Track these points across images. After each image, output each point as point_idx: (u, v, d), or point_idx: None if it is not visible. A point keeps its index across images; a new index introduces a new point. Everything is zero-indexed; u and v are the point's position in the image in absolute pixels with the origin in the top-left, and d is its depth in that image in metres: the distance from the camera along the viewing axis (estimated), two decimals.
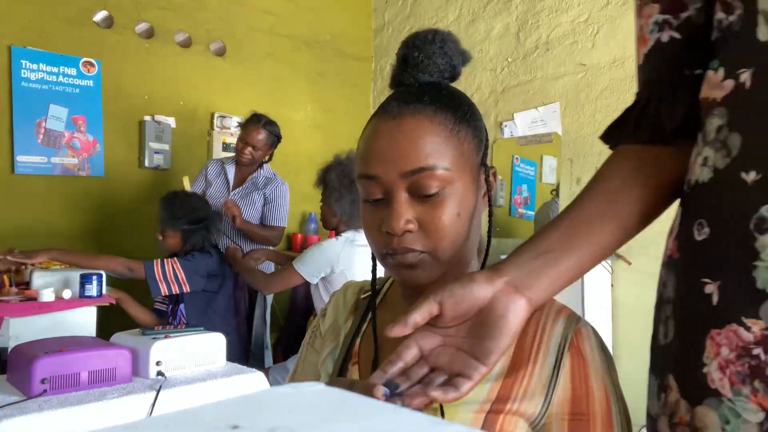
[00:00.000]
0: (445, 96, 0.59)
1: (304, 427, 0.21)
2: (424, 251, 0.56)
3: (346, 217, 2.10)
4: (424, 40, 0.60)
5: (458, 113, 0.58)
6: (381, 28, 4.00)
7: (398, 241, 0.56)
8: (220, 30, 3.25)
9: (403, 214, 0.55)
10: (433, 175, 0.55)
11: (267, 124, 2.62)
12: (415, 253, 0.56)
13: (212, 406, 0.23)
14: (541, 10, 3.13)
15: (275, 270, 2.81)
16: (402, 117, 0.56)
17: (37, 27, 2.67)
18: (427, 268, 0.57)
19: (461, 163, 0.57)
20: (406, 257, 0.56)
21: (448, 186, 0.56)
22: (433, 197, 0.56)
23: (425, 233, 0.56)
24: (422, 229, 0.56)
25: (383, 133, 0.57)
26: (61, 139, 2.74)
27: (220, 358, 1.53)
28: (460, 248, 0.58)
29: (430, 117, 0.56)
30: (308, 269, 2.09)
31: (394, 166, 0.55)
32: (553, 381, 0.54)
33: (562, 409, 0.53)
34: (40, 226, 2.67)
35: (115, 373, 1.32)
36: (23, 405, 1.17)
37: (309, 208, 3.55)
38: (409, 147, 0.55)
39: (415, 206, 0.56)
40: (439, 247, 0.56)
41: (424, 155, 0.55)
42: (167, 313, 2.34)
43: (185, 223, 2.24)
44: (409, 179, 0.55)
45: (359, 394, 0.24)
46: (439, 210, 0.56)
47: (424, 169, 0.55)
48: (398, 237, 0.56)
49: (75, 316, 1.98)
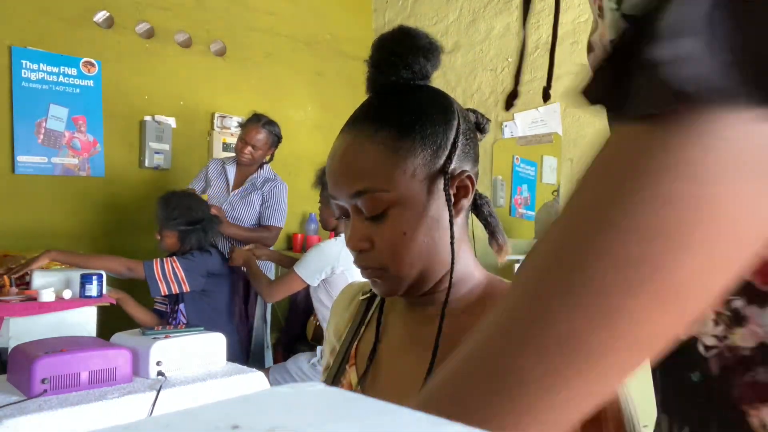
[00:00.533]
0: (392, 108, 0.57)
1: (304, 427, 0.21)
2: (380, 267, 0.58)
3: (343, 220, 2.10)
4: (378, 48, 0.60)
5: (403, 125, 0.56)
6: (381, 28, 4.00)
7: (357, 258, 0.59)
8: (220, 30, 3.25)
9: (355, 233, 0.58)
10: (370, 198, 0.56)
11: (267, 124, 2.62)
12: (371, 270, 0.58)
13: (212, 406, 0.23)
14: (541, 10, 3.13)
15: (276, 271, 2.82)
16: (346, 138, 0.58)
17: (37, 27, 2.68)
18: (388, 284, 0.58)
19: (407, 180, 0.55)
20: (366, 273, 0.59)
21: (390, 205, 0.56)
22: (380, 217, 0.56)
23: (377, 251, 0.57)
24: (374, 247, 0.57)
25: (334, 152, 0.59)
26: (62, 139, 2.74)
27: (220, 358, 1.54)
28: (418, 261, 0.58)
29: (370, 136, 0.56)
30: (308, 271, 2.09)
31: (341, 188, 0.58)
32: None
33: None
34: (41, 226, 2.67)
35: (115, 373, 1.32)
36: (23, 405, 1.17)
37: (309, 208, 3.55)
38: (349, 170, 0.57)
39: (368, 225, 0.57)
40: (391, 264, 0.57)
41: (360, 179, 0.56)
42: (167, 313, 2.34)
43: (182, 223, 2.24)
44: (354, 201, 0.57)
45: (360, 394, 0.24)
46: (384, 230, 0.56)
47: (361, 192, 0.56)
48: (356, 254, 0.59)
49: (75, 316, 1.98)
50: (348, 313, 0.72)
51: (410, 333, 0.62)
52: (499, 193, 3.34)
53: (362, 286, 0.74)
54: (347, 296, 0.74)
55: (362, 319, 0.69)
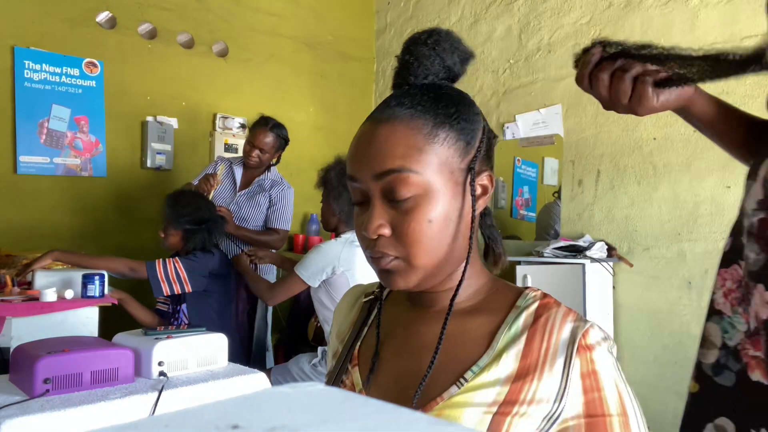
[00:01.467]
0: (430, 99, 0.58)
1: (304, 427, 0.21)
2: (397, 256, 0.57)
3: (345, 216, 2.10)
4: (417, 41, 0.61)
5: (439, 117, 0.57)
6: (383, 29, 4.00)
7: (374, 244, 0.57)
8: (222, 31, 3.26)
9: (376, 218, 0.56)
10: (402, 179, 0.55)
11: (275, 127, 2.62)
12: (388, 258, 0.57)
13: (212, 406, 0.23)
14: (543, 12, 3.13)
15: (277, 274, 2.82)
16: (380, 121, 0.57)
17: (40, 27, 2.68)
18: (403, 274, 0.57)
19: (438, 168, 0.56)
20: (380, 262, 0.57)
21: (419, 190, 0.55)
22: (406, 202, 0.55)
23: (398, 238, 0.56)
24: (395, 233, 0.56)
25: (362, 136, 0.58)
26: (64, 139, 2.75)
27: (222, 358, 1.54)
28: (436, 254, 0.57)
29: (405, 122, 0.56)
30: (308, 272, 2.09)
31: (368, 168, 0.56)
32: (563, 384, 0.53)
33: (576, 412, 0.53)
34: (43, 226, 2.68)
35: (117, 373, 1.32)
36: (26, 405, 1.17)
37: (310, 209, 3.56)
38: (381, 150, 0.56)
39: (390, 210, 0.56)
40: (410, 253, 0.56)
41: (393, 158, 0.55)
42: (169, 313, 2.34)
43: (188, 222, 2.24)
44: (381, 182, 0.56)
45: (358, 394, 0.24)
46: (410, 216, 0.55)
47: (392, 171, 0.55)
48: (374, 241, 0.57)
49: (77, 317, 1.98)
50: (351, 316, 0.72)
51: (412, 333, 0.62)
52: (501, 195, 3.33)
53: (364, 289, 0.74)
54: (350, 300, 0.75)
55: (365, 321, 0.69)
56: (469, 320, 0.60)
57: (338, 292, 2.08)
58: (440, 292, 0.62)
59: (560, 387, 0.53)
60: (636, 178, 2.71)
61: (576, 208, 2.93)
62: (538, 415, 0.53)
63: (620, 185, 2.77)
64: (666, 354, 2.58)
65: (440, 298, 0.62)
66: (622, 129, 2.77)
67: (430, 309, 0.63)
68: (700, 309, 2.49)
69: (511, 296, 0.61)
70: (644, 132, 2.69)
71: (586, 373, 0.54)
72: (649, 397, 2.58)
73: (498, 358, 0.56)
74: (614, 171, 2.79)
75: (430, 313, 0.62)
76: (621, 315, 2.73)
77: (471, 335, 0.59)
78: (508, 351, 0.56)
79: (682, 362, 2.53)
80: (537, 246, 2.88)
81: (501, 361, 0.56)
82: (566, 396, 0.53)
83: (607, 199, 2.81)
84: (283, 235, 2.71)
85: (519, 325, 0.58)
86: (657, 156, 2.65)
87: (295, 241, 3.50)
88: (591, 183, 2.88)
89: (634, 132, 2.73)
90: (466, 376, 0.56)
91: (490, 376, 0.55)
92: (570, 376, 0.54)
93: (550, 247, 2.72)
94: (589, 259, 2.56)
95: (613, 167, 2.80)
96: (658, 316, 2.62)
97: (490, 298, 0.62)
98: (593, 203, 2.86)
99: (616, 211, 2.77)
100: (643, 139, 2.70)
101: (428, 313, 0.63)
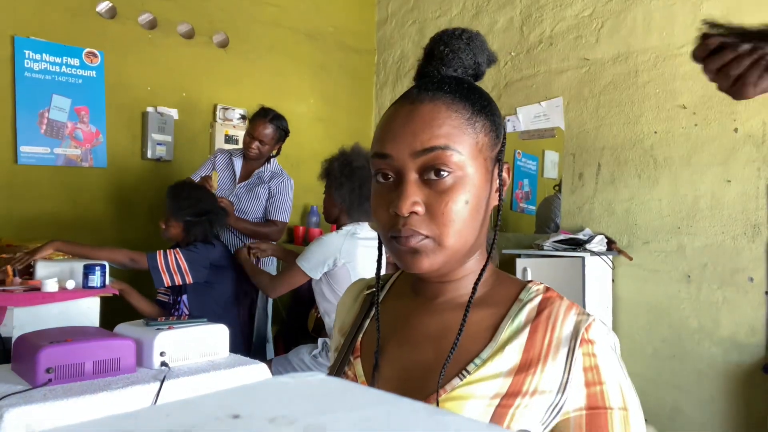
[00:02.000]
0: (466, 88, 0.59)
1: (304, 417, 0.21)
2: (428, 236, 0.56)
3: (346, 205, 2.10)
4: (452, 36, 0.62)
5: (477, 105, 0.58)
6: (384, 20, 3.98)
7: (404, 222, 0.56)
8: (223, 22, 3.24)
9: (411, 194, 0.55)
10: (445, 156, 0.55)
11: (274, 119, 2.61)
12: (419, 237, 0.56)
13: (213, 396, 0.23)
14: (545, 4, 3.11)
15: (278, 265, 2.82)
16: (420, 102, 0.57)
17: (40, 17, 2.67)
18: (430, 255, 0.56)
19: (475, 153, 0.57)
20: (409, 240, 0.56)
21: (459, 171, 0.56)
22: (443, 181, 0.56)
23: (431, 217, 0.56)
24: (429, 212, 0.56)
25: (399, 115, 0.58)
26: (64, 129, 2.74)
27: (223, 349, 1.54)
28: (465, 238, 0.57)
29: (447, 104, 0.57)
30: (310, 264, 2.09)
31: (407, 145, 0.56)
32: (565, 376, 0.54)
33: (578, 404, 0.54)
34: (43, 216, 2.68)
35: (119, 364, 1.33)
36: (28, 394, 1.18)
37: (311, 200, 3.56)
38: (423, 128, 0.56)
39: (424, 189, 0.56)
40: (444, 232, 0.56)
41: (437, 136, 0.55)
42: (170, 304, 2.35)
43: (189, 214, 2.24)
44: (420, 159, 0.55)
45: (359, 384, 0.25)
46: (448, 195, 0.55)
47: (436, 148, 0.55)
48: (404, 218, 0.56)
49: (78, 307, 1.99)
50: (353, 310, 0.72)
51: (416, 325, 0.63)
52: None
53: (367, 283, 0.74)
54: (353, 293, 0.75)
55: (367, 313, 0.69)
56: (474, 312, 0.60)
57: (339, 284, 2.08)
58: (448, 283, 0.62)
59: (563, 379, 0.54)
60: (636, 171, 2.71)
61: (576, 201, 2.93)
62: (540, 407, 0.54)
63: (620, 179, 2.76)
64: (665, 347, 2.60)
65: (446, 290, 0.62)
66: (623, 122, 2.76)
67: (434, 300, 0.63)
68: (699, 303, 2.50)
69: (514, 289, 0.62)
70: (645, 126, 2.69)
71: (588, 366, 0.54)
72: (647, 390, 2.59)
73: (501, 351, 0.56)
74: (615, 164, 2.79)
75: (433, 305, 0.63)
76: (620, 308, 2.74)
77: (475, 327, 0.59)
78: (511, 343, 0.56)
79: (681, 355, 2.54)
80: (537, 239, 2.89)
81: (504, 354, 0.56)
82: (568, 388, 0.54)
83: (608, 193, 2.81)
84: (282, 227, 2.70)
85: (522, 319, 0.58)
86: (657, 150, 2.64)
87: (295, 233, 3.50)
88: (591, 176, 2.88)
89: (635, 126, 2.72)
90: (468, 369, 0.56)
91: (492, 369, 0.56)
92: (572, 369, 0.54)
93: (550, 240, 2.72)
94: (588, 253, 2.57)
95: (613, 160, 2.79)
96: (657, 309, 2.62)
97: (494, 291, 0.62)
98: (593, 196, 2.86)
99: (616, 205, 2.77)
100: (644, 133, 2.69)
101: (432, 305, 0.63)
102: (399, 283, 0.71)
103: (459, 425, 0.21)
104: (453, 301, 0.62)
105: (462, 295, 0.62)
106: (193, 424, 0.20)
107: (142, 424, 0.20)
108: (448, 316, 0.61)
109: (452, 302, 0.62)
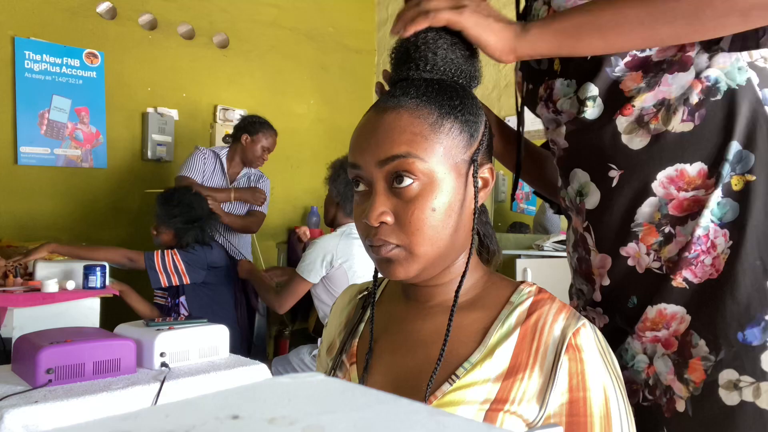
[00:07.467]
0: (435, 90, 0.58)
1: (304, 417, 0.21)
2: (399, 245, 0.56)
3: (341, 198, 2.10)
4: (417, 36, 0.60)
5: (444, 107, 0.57)
6: (384, 21, 3.98)
7: (375, 232, 0.57)
8: (223, 22, 3.25)
9: (379, 205, 0.56)
10: (407, 164, 0.55)
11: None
12: (389, 246, 0.56)
13: (212, 396, 0.23)
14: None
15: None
16: (384, 111, 0.57)
17: (40, 18, 2.67)
18: (404, 263, 0.56)
19: (442, 158, 0.56)
20: (381, 250, 0.57)
21: (424, 177, 0.55)
22: (409, 188, 0.55)
23: (400, 226, 0.56)
24: (398, 221, 0.56)
25: (366, 124, 0.58)
26: (65, 130, 2.74)
27: (223, 349, 1.55)
28: (437, 244, 0.57)
29: (411, 110, 0.56)
30: (309, 268, 2.09)
31: (372, 155, 0.56)
32: (550, 383, 0.54)
33: (559, 411, 0.53)
34: (43, 217, 2.68)
35: (119, 364, 1.33)
36: (28, 394, 1.18)
37: (310, 201, 3.56)
38: (385, 137, 0.56)
39: (392, 198, 0.56)
40: (413, 241, 0.55)
41: (399, 144, 0.55)
42: (168, 307, 2.34)
43: (180, 221, 2.23)
44: (385, 168, 0.56)
45: (358, 385, 0.25)
46: (414, 203, 0.55)
47: (397, 156, 0.55)
48: (375, 228, 0.56)
49: (78, 307, 1.99)
50: (346, 312, 0.72)
51: (408, 329, 0.62)
52: (501, 188, 3.33)
53: (360, 287, 0.74)
54: (346, 298, 0.74)
55: (360, 317, 0.69)
56: (464, 316, 0.60)
57: (337, 287, 2.08)
58: (436, 287, 0.62)
59: (548, 385, 0.54)
60: None
61: None
62: (527, 414, 0.54)
63: None
64: None
65: (436, 293, 0.62)
66: None
67: (426, 304, 0.62)
68: None
69: (506, 291, 0.61)
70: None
71: (573, 372, 0.54)
72: None
73: (490, 355, 0.56)
74: None
75: (425, 309, 0.62)
76: None
77: (465, 331, 0.59)
78: (501, 347, 0.56)
79: None
80: (537, 239, 2.89)
81: (493, 358, 0.56)
82: (552, 394, 0.53)
83: None
84: (261, 218, 2.78)
85: (512, 322, 0.58)
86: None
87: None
88: None
89: None
90: (457, 373, 0.56)
91: (481, 374, 0.55)
92: (558, 375, 0.54)
93: (550, 241, 2.72)
94: None
95: None
96: None
97: (486, 293, 0.62)
98: None
99: None
100: None
101: (424, 309, 0.62)
102: (392, 286, 0.70)
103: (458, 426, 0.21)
104: (444, 305, 0.61)
105: (453, 298, 0.62)
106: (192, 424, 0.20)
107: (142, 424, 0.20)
108: (440, 319, 0.60)
109: (444, 305, 0.61)
